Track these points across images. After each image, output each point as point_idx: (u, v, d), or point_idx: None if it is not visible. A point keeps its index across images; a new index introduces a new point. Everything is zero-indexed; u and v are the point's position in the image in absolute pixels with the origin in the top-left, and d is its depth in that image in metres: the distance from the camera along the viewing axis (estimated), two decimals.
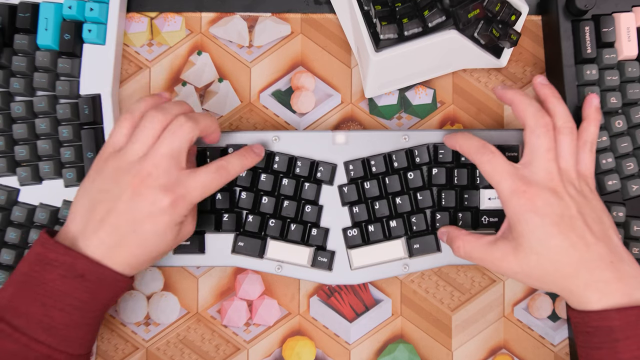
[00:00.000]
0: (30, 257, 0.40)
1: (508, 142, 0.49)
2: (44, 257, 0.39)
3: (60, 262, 0.39)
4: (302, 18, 0.53)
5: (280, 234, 0.49)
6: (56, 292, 0.39)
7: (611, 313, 0.38)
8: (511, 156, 0.49)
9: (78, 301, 0.40)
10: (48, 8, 0.49)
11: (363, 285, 0.52)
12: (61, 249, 0.39)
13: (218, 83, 0.53)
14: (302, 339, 0.52)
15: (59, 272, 0.39)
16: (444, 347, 0.52)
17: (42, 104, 0.49)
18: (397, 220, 0.49)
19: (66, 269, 0.39)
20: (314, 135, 0.50)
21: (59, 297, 0.39)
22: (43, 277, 0.39)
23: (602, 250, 0.39)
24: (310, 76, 0.53)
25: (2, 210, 0.49)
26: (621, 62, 0.49)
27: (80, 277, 0.39)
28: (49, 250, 0.40)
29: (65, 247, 0.40)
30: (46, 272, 0.39)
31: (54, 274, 0.39)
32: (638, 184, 0.49)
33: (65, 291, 0.39)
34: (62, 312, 0.39)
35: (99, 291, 0.40)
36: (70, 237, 0.41)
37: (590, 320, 0.39)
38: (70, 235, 0.41)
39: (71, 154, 0.49)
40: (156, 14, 0.53)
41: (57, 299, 0.39)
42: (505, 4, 0.46)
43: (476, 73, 0.53)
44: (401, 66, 0.48)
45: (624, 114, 0.50)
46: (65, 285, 0.39)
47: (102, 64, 0.50)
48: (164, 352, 0.52)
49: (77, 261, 0.39)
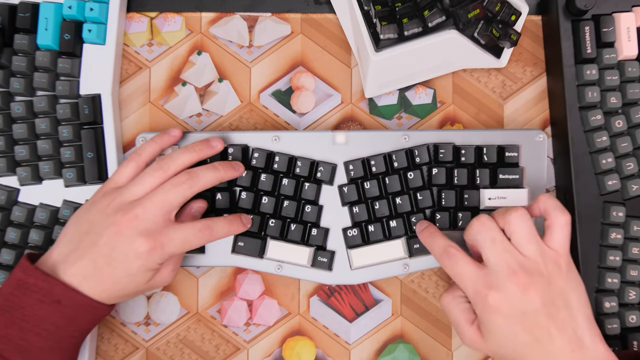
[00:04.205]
0: (11, 281, 0.41)
1: (508, 142, 0.49)
2: (24, 282, 0.41)
3: (39, 287, 0.40)
4: (302, 18, 0.53)
5: (280, 234, 0.49)
6: (34, 316, 0.40)
7: None
8: (511, 156, 0.49)
9: (54, 326, 0.41)
10: (48, 8, 0.49)
11: (363, 285, 0.52)
12: (40, 275, 0.41)
13: (218, 83, 0.53)
14: (302, 339, 0.52)
15: (37, 297, 0.40)
16: (444, 347, 0.52)
17: (42, 104, 0.49)
18: (397, 220, 0.48)
19: (44, 294, 0.40)
20: (314, 135, 0.50)
21: (36, 322, 0.40)
22: (22, 302, 0.40)
23: (564, 341, 0.40)
24: (310, 76, 0.53)
25: (2, 210, 0.49)
26: (621, 62, 0.49)
27: (56, 302, 0.40)
28: (29, 275, 0.41)
29: (44, 273, 0.41)
30: (25, 296, 0.40)
31: (32, 299, 0.40)
32: (638, 184, 0.49)
33: (42, 316, 0.40)
34: (39, 336, 0.40)
35: (76, 317, 0.42)
36: (51, 262, 0.42)
37: None
38: (52, 261, 0.42)
39: (71, 154, 0.49)
40: (156, 14, 0.53)
41: (34, 323, 0.40)
42: (505, 4, 0.46)
43: (476, 73, 0.53)
44: (401, 66, 0.48)
45: (624, 114, 0.50)
46: (43, 310, 0.40)
47: (102, 64, 0.50)
48: (164, 352, 0.52)
49: (54, 287, 0.40)
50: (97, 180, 0.49)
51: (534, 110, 0.53)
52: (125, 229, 0.41)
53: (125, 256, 0.41)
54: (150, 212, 0.42)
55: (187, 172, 0.44)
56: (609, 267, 0.49)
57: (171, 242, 0.42)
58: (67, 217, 0.49)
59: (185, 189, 0.43)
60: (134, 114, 0.53)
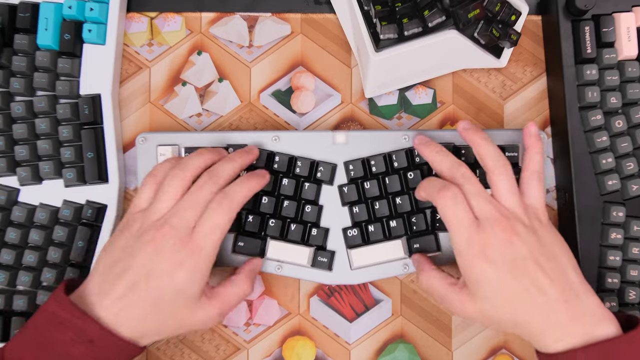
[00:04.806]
0: (45, 313, 0.40)
1: (508, 142, 0.49)
2: (58, 316, 0.39)
3: (72, 325, 0.39)
4: (302, 18, 0.53)
5: (280, 234, 0.49)
6: (64, 354, 0.39)
7: (576, 352, 0.38)
8: (511, 156, 0.49)
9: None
10: (48, 8, 0.49)
11: (363, 285, 0.52)
12: (75, 311, 0.39)
13: (218, 83, 0.53)
14: (302, 339, 0.52)
15: (70, 335, 0.39)
16: (444, 347, 0.52)
17: (42, 104, 0.49)
18: (397, 220, 0.49)
19: (77, 332, 0.38)
20: (314, 135, 0.50)
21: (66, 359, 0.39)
22: (54, 337, 0.39)
23: (556, 291, 0.39)
24: (310, 76, 0.53)
25: (2, 210, 0.49)
26: (621, 62, 0.49)
27: (89, 342, 0.39)
28: (64, 309, 0.39)
29: (79, 309, 0.39)
30: (58, 332, 0.39)
31: (65, 336, 0.39)
32: (638, 184, 0.49)
33: (73, 355, 0.39)
34: None
35: (107, 357, 0.40)
36: (85, 295, 0.40)
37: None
38: (86, 293, 0.40)
39: (71, 154, 0.49)
40: (156, 14, 0.53)
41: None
42: (505, 4, 0.46)
43: (476, 73, 0.53)
44: (401, 66, 0.48)
45: (624, 114, 0.50)
46: (74, 348, 0.38)
47: (102, 64, 0.50)
48: (164, 352, 0.52)
49: (88, 326, 0.39)
50: (97, 180, 0.49)
51: (534, 110, 0.53)
52: (161, 243, 0.40)
53: (166, 272, 0.40)
54: (184, 217, 0.41)
55: (206, 173, 0.43)
56: (609, 267, 0.49)
57: (205, 238, 0.41)
58: (67, 217, 0.49)
59: (211, 185, 0.42)
60: (134, 114, 0.53)
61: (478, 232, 0.40)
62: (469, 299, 0.41)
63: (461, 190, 0.42)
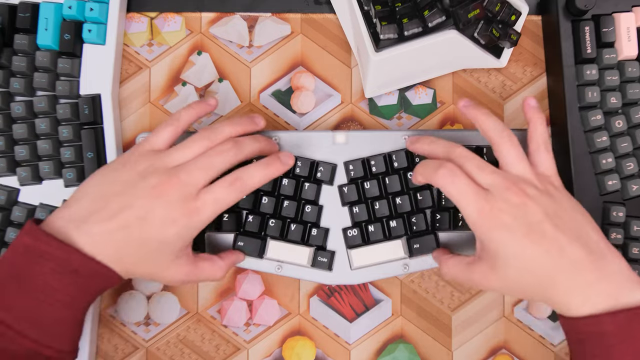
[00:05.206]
0: (17, 248, 0.39)
1: None
2: (35, 249, 0.38)
3: (53, 256, 0.38)
4: (302, 18, 0.53)
5: (280, 234, 0.49)
6: (47, 286, 0.38)
7: (602, 317, 0.37)
8: None
9: (69, 297, 0.38)
10: (48, 8, 0.49)
11: (363, 285, 0.52)
12: (54, 242, 0.38)
13: (218, 83, 0.53)
14: (302, 339, 0.52)
15: (50, 266, 0.38)
16: (444, 347, 0.52)
17: (42, 104, 0.49)
18: (397, 220, 0.49)
19: (59, 263, 0.38)
20: (314, 135, 0.50)
21: (49, 292, 0.38)
22: (32, 270, 0.38)
23: (579, 250, 0.38)
24: (310, 76, 0.53)
25: (2, 210, 0.49)
26: (621, 62, 0.49)
27: (74, 272, 0.38)
28: (40, 241, 0.38)
29: (57, 240, 0.38)
30: (36, 264, 0.38)
31: (45, 268, 0.38)
32: (638, 184, 0.49)
33: (55, 286, 0.38)
34: (52, 307, 0.38)
35: (90, 286, 0.39)
36: (62, 223, 0.39)
37: (580, 326, 0.38)
38: (63, 221, 0.39)
39: (71, 154, 0.49)
40: (156, 14, 0.53)
41: (47, 294, 0.38)
42: (505, 4, 0.46)
43: (476, 73, 0.53)
44: (401, 66, 0.48)
45: (624, 114, 0.50)
46: (56, 280, 0.38)
47: (102, 64, 0.50)
48: (164, 352, 0.52)
49: (71, 256, 0.38)
50: None
51: None
52: (167, 192, 0.40)
53: (161, 220, 0.39)
54: (194, 177, 0.40)
55: (232, 140, 0.43)
56: None
57: (205, 205, 0.40)
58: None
59: (231, 155, 0.42)
60: (134, 114, 0.53)
61: (488, 200, 0.39)
62: (490, 270, 0.40)
63: (462, 169, 0.41)
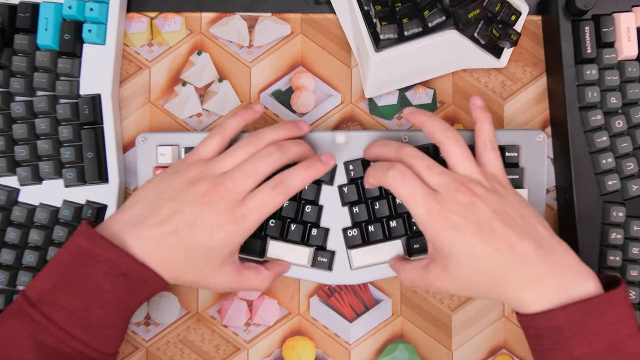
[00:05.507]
0: (72, 249, 0.40)
1: (508, 142, 0.49)
2: (89, 251, 0.39)
3: (105, 259, 0.39)
4: (302, 18, 0.53)
5: (280, 234, 0.49)
6: (98, 288, 0.39)
7: (555, 312, 0.37)
8: (511, 156, 0.49)
9: (118, 300, 0.39)
10: (48, 8, 0.49)
11: (363, 285, 0.52)
12: (107, 245, 0.39)
13: (218, 83, 0.53)
14: (302, 339, 0.52)
15: (102, 269, 0.39)
16: (444, 347, 0.52)
17: (42, 104, 0.49)
18: (397, 220, 0.49)
19: (110, 266, 0.39)
20: (314, 135, 0.50)
21: (100, 294, 0.39)
22: (85, 272, 0.39)
23: (528, 246, 0.38)
24: (310, 76, 0.53)
25: (2, 210, 0.49)
26: (621, 62, 0.49)
27: (123, 275, 0.39)
28: (94, 244, 0.39)
29: (110, 243, 0.39)
30: (89, 266, 0.39)
31: (97, 270, 0.39)
32: (638, 184, 0.49)
33: (106, 289, 0.39)
34: (102, 310, 0.39)
35: (138, 291, 0.40)
36: (116, 228, 0.41)
37: (536, 322, 0.38)
38: (118, 226, 0.41)
39: (71, 154, 0.49)
40: (156, 14, 0.53)
41: (98, 296, 0.39)
42: (505, 4, 0.46)
43: (476, 73, 0.53)
44: (401, 66, 0.48)
45: (624, 114, 0.50)
46: (108, 282, 0.39)
47: (102, 64, 0.50)
48: (164, 352, 0.52)
49: (121, 259, 0.39)
50: (97, 180, 0.49)
51: (534, 110, 0.53)
52: (214, 199, 0.41)
53: (209, 227, 0.40)
54: (239, 183, 0.41)
55: (275, 144, 0.43)
56: (609, 268, 0.49)
57: (250, 212, 0.41)
58: (67, 217, 0.49)
59: (275, 159, 0.43)
60: (134, 114, 0.53)
61: (436, 201, 0.40)
62: (442, 271, 0.41)
63: (411, 169, 0.42)
